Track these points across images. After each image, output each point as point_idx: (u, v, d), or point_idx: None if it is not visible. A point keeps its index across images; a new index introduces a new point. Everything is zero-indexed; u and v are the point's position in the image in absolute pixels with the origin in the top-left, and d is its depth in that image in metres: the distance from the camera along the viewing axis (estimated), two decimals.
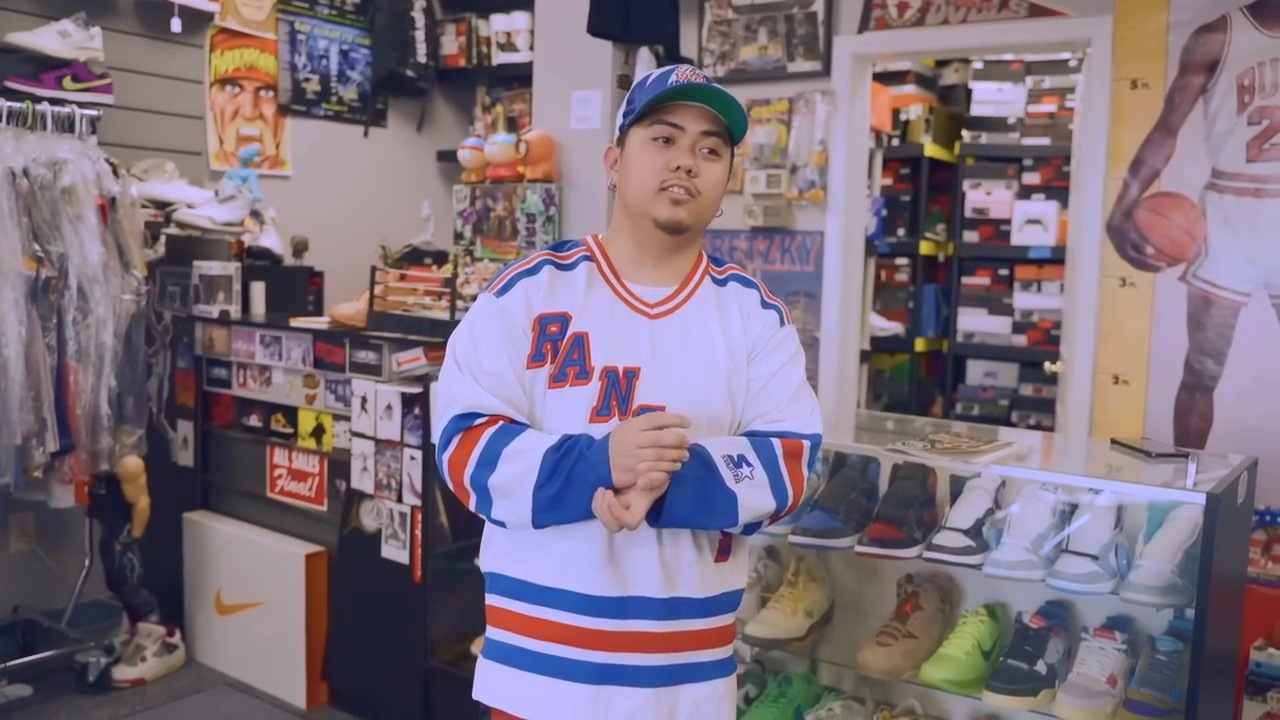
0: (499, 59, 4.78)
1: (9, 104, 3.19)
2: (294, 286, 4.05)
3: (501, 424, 1.51)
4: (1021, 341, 4.87)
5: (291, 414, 3.53)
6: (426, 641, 3.16)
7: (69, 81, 3.58)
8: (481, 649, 1.64)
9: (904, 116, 4.94)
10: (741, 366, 1.60)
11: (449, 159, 4.87)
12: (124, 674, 3.46)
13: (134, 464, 3.45)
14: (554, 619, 1.53)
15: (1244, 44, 3.01)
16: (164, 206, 3.82)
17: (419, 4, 4.79)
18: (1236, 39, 3.02)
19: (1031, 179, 4.88)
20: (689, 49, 3.96)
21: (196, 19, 4.13)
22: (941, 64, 5.14)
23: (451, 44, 4.93)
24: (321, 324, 3.49)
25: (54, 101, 3.33)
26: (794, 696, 2.43)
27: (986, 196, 4.93)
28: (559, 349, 1.53)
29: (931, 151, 4.90)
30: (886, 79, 4.81)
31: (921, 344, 5.02)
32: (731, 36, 3.93)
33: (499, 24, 4.76)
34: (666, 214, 1.54)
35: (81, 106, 3.38)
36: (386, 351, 3.21)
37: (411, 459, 3.10)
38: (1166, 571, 1.99)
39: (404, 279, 3.38)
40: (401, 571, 3.15)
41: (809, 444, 1.59)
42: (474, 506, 1.53)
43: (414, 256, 3.60)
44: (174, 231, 3.82)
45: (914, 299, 5.04)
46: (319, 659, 3.40)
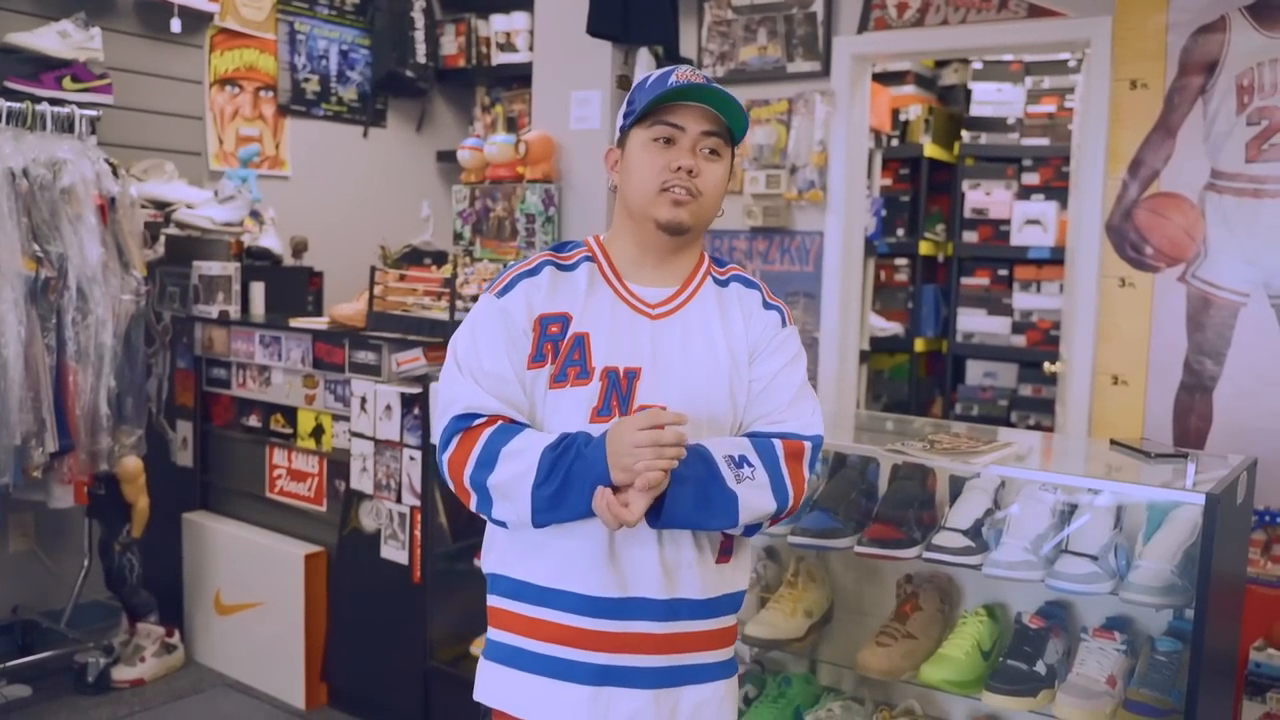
0: (498, 59, 4.78)
1: (8, 104, 3.18)
2: (293, 287, 4.05)
3: (500, 424, 1.51)
4: (1021, 342, 4.87)
5: (291, 414, 3.53)
6: (426, 642, 3.16)
7: (68, 82, 3.58)
8: (482, 650, 1.64)
9: (903, 117, 4.94)
10: (743, 367, 1.59)
11: (448, 159, 4.87)
12: (123, 674, 3.45)
13: (133, 464, 3.44)
14: (554, 620, 1.53)
15: (1243, 44, 3.01)
16: (163, 207, 3.82)
17: (418, 4, 4.79)
18: (1235, 39, 3.02)
19: (1031, 179, 4.88)
20: (688, 49, 3.96)
21: (196, 19, 4.13)
22: (941, 64, 5.14)
23: (451, 44, 4.93)
24: (321, 324, 3.49)
25: (53, 102, 3.33)
26: (793, 697, 2.43)
27: (986, 197, 4.93)
28: (560, 349, 1.53)
29: (931, 152, 4.90)
30: (886, 79, 4.81)
31: (921, 344, 5.02)
32: (731, 37, 3.93)
33: (498, 24, 4.76)
34: (668, 215, 1.53)
35: (81, 107, 3.37)
36: (386, 352, 3.21)
37: (411, 459, 3.10)
38: (1166, 572, 1.99)
39: (403, 279, 3.38)
40: (401, 572, 3.15)
41: (810, 445, 1.58)
42: (475, 507, 1.53)
43: (413, 257, 3.61)
44: (173, 232, 3.82)
45: (913, 299, 5.04)
46: (318, 659, 3.40)
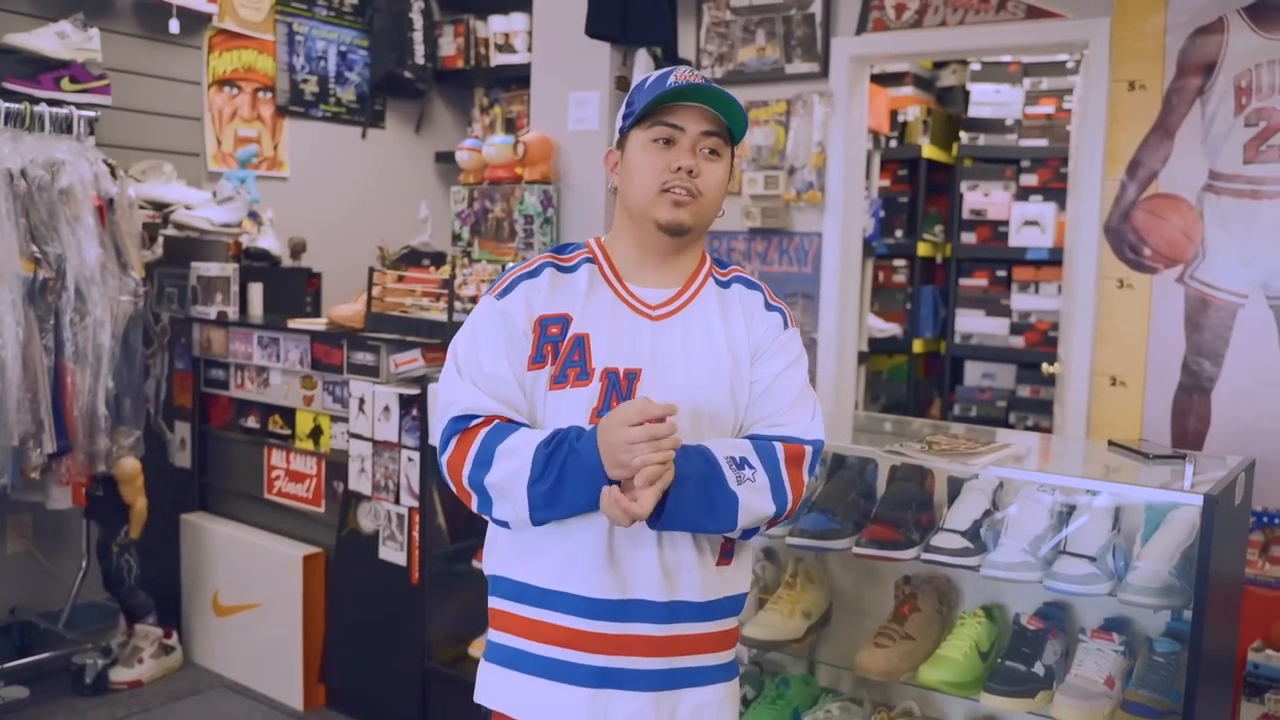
0: (497, 60, 4.78)
1: (7, 105, 3.18)
2: (292, 288, 4.05)
3: (496, 423, 1.50)
4: (1019, 343, 4.88)
5: (289, 415, 3.53)
6: (424, 643, 3.16)
7: (67, 82, 3.58)
8: (483, 652, 1.64)
9: (902, 118, 4.94)
10: (744, 368, 1.59)
11: (447, 160, 4.87)
12: (121, 676, 3.45)
13: (131, 465, 3.44)
14: (554, 621, 1.52)
15: (1241, 46, 3.01)
16: (162, 208, 3.82)
17: (417, 5, 4.79)
18: (1234, 41, 3.02)
19: (1029, 180, 4.88)
20: (687, 50, 3.96)
21: (194, 20, 4.13)
22: (939, 65, 5.15)
23: (449, 45, 4.93)
24: (319, 325, 3.49)
25: (52, 102, 3.33)
26: (792, 698, 2.43)
27: (984, 198, 4.93)
28: (560, 350, 1.53)
29: (929, 153, 4.90)
30: (884, 80, 4.81)
31: (919, 345, 5.03)
32: (729, 38, 3.93)
33: (497, 25, 4.76)
34: (668, 215, 1.53)
35: (79, 108, 3.37)
36: (384, 353, 3.21)
37: (409, 460, 3.10)
38: (1164, 573, 1.99)
39: (402, 280, 3.37)
40: (399, 573, 3.15)
41: (810, 450, 1.58)
42: (477, 508, 1.53)
43: (412, 258, 3.60)
44: (172, 233, 3.82)
45: (912, 300, 5.05)
46: (316, 660, 3.40)
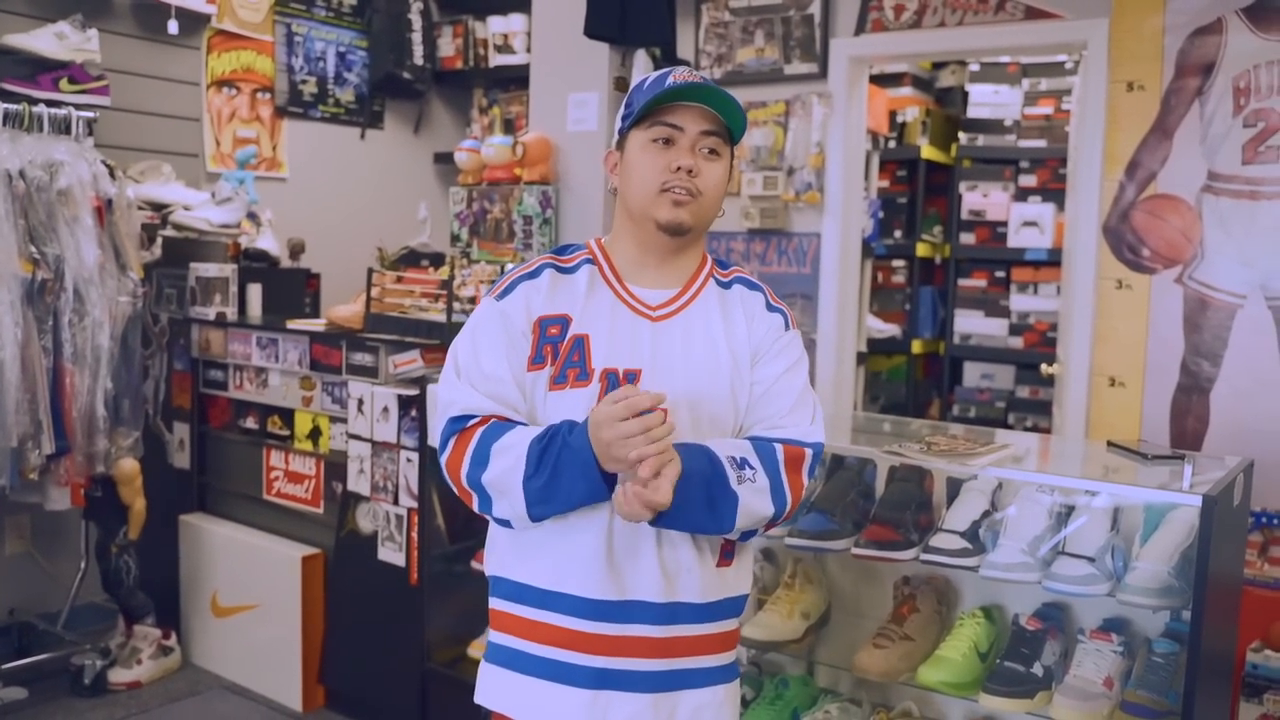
0: (496, 61, 4.78)
1: (5, 106, 3.18)
2: (290, 288, 4.05)
3: (493, 421, 1.50)
4: (1018, 343, 4.87)
5: (288, 416, 3.52)
6: (423, 644, 3.15)
7: (65, 83, 3.58)
8: (484, 653, 1.64)
9: (900, 118, 4.94)
10: (744, 369, 1.58)
11: (446, 161, 4.87)
12: (120, 677, 3.45)
13: (130, 466, 3.44)
14: (553, 622, 1.52)
15: (1239, 46, 3.01)
16: (160, 208, 3.82)
17: (416, 6, 4.79)
18: (1232, 41, 3.02)
19: (1028, 181, 4.88)
20: (686, 51, 3.96)
21: (193, 21, 4.12)
22: (938, 66, 5.15)
23: (448, 46, 4.93)
24: (318, 326, 3.48)
25: (50, 103, 3.32)
26: (791, 699, 2.43)
27: (983, 198, 4.94)
28: (559, 351, 1.53)
29: (928, 153, 4.91)
30: (883, 81, 4.81)
31: (918, 346, 5.03)
32: (728, 38, 3.93)
33: (496, 26, 4.76)
34: (668, 215, 1.53)
35: (78, 108, 3.37)
36: (383, 353, 3.21)
37: (408, 461, 3.10)
38: (1163, 573, 1.99)
39: (401, 281, 3.37)
40: (398, 574, 3.15)
41: (811, 452, 1.57)
42: (478, 508, 1.53)
43: (411, 258, 3.60)
44: (170, 233, 3.82)
45: (911, 301, 5.05)
46: (315, 661, 3.39)
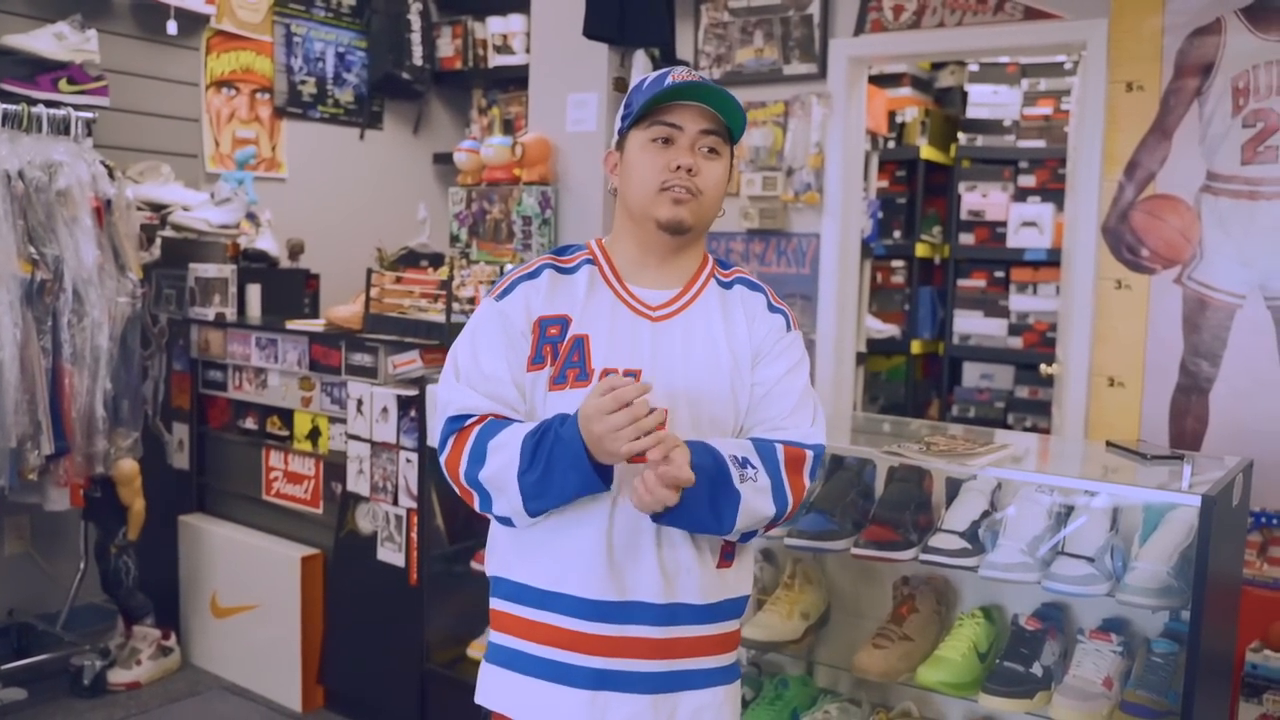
0: (495, 61, 4.78)
1: (4, 106, 3.17)
2: (290, 289, 4.04)
3: (490, 419, 1.51)
4: (1017, 344, 4.88)
5: (287, 416, 3.52)
6: (422, 644, 3.15)
7: (65, 84, 3.58)
8: (484, 653, 1.64)
9: (900, 119, 4.94)
10: (745, 370, 1.58)
11: (445, 161, 4.87)
12: (119, 677, 3.45)
13: (129, 467, 3.44)
14: (553, 623, 1.52)
15: (1238, 47, 3.01)
16: (160, 209, 3.81)
17: (415, 6, 4.79)
18: (1231, 42, 3.02)
19: (1027, 181, 4.88)
20: (685, 51, 3.96)
21: (192, 21, 4.12)
22: (937, 66, 5.15)
23: (447, 46, 4.93)
24: (317, 326, 3.48)
25: (49, 104, 3.32)
26: (790, 699, 2.43)
27: (982, 199, 4.94)
28: (559, 351, 1.53)
29: (927, 154, 4.91)
30: (882, 81, 4.81)
31: (917, 346, 5.03)
32: (727, 39, 3.93)
33: (495, 26, 4.76)
34: (668, 214, 1.53)
35: (77, 109, 3.37)
36: (382, 354, 3.21)
37: (407, 461, 3.10)
38: (1162, 574, 1.99)
39: (400, 281, 3.37)
40: (397, 574, 3.15)
41: (812, 454, 1.57)
42: (479, 507, 1.53)
43: (410, 259, 3.60)
44: (170, 234, 3.82)
45: (910, 301, 5.05)
46: (315, 662, 3.39)
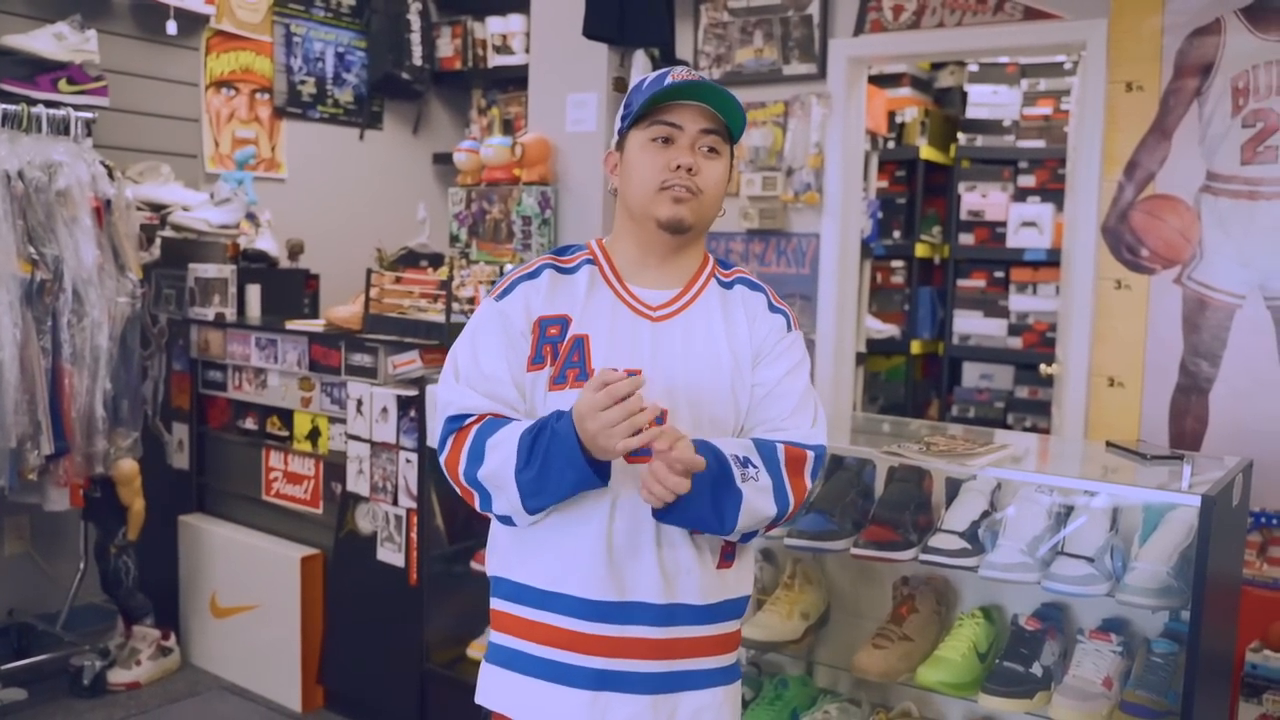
0: (494, 61, 4.78)
1: (4, 106, 3.17)
2: (289, 289, 4.04)
3: (488, 418, 1.51)
4: (1017, 344, 4.88)
5: (287, 417, 3.52)
6: (422, 645, 3.15)
7: (64, 84, 3.58)
8: (485, 653, 1.64)
9: (899, 119, 4.94)
10: (745, 370, 1.58)
11: (444, 161, 4.87)
12: (119, 677, 3.45)
13: (129, 467, 3.44)
14: (553, 623, 1.52)
15: (1238, 47, 3.01)
16: (159, 209, 3.82)
17: (414, 6, 4.79)
18: (1230, 42, 3.03)
19: (1027, 181, 4.89)
20: (684, 52, 3.96)
21: (192, 21, 4.12)
22: (937, 67, 5.15)
23: (447, 46, 4.93)
24: (317, 327, 3.48)
25: (49, 104, 3.32)
26: (790, 699, 2.43)
27: (982, 199, 4.94)
28: (559, 351, 1.53)
29: (927, 154, 4.91)
30: (882, 82, 4.81)
31: (917, 346, 5.03)
32: (727, 39, 3.93)
33: (494, 26, 4.76)
34: (668, 212, 1.53)
35: (77, 109, 3.37)
36: (382, 354, 3.21)
37: (407, 462, 3.10)
38: (1162, 574, 1.99)
39: (399, 281, 3.37)
40: (397, 574, 3.15)
41: (813, 455, 1.56)
42: (480, 506, 1.53)
43: (409, 259, 3.60)
44: (169, 234, 3.82)
45: (909, 301, 5.05)
46: (314, 662, 3.39)
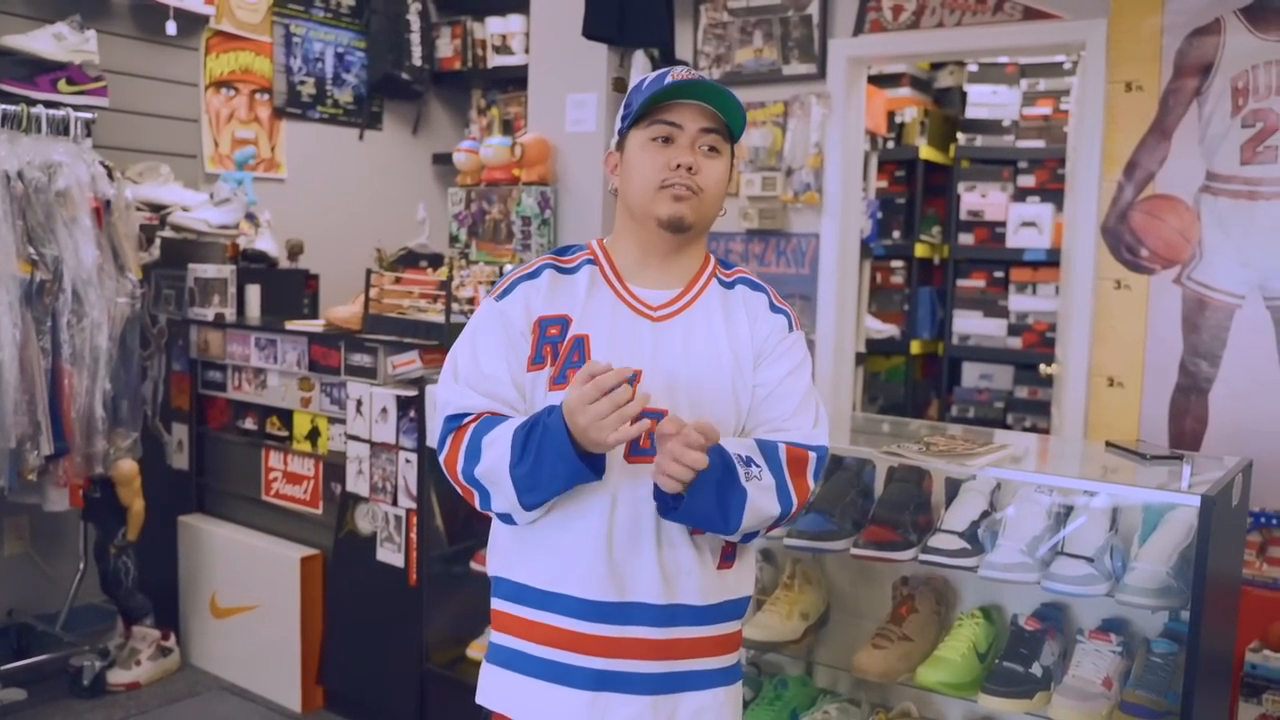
0: (494, 62, 4.78)
1: (3, 107, 3.17)
2: (289, 289, 4.04)
3: (485, 416, 1.51)
4: (1017, 344, 4.88)
5: (286, 417, 3.52)
6: (422, 645, 3.15)
7: (64, 84, 3.58)
8: (485, 653, 1.64)
9: (899, 119, 4.94)
10: (746, 370, 1.58)
11: (444, 162, 4.87)
12: (119, 678, 3.44)
13: (129, 467, 3.44)
14: (553, 623, 1.52)
15: (1237, 47, 3.01)
16: (159, 209, 3.82)
17: (414, 7, 4.79)
18: (1230, 42, 3.03)
19: (1026, 181, 4.89)
20: (684, 52, 3.96)
21: (191, 22, 4.12)
22: (936, 67, 5.15)
23: (447, 47, 4.93)
24: (317, 327, 3.48)
25: (49, 104, 3.32)
26: (789, 699, 2.43)
27: (981, 199, 4.94)
28: (559, 351, 1.53)
29: (926, 154, 4.91)
30: (881, 82, 4.81)
31: (917, 346, 5.03)
32: (727, 39, 3.93)
33: (494, 27, 4.76)
34: (669, 211, 1.52)
35: (76, 109, 3.37)
36: (382, 354, 3.21)
37: (407, 462, 3.10)
38: (1161, 574, 1.99)
39: (399, 282, 3.37)
40: (397, 575, 3.15)
41: (815, 455, 1.56)
42: (479, 505, 1.53)
43: (409, 259, 3.60)
44: (169, 234, 3.82)
45: (909, 301, 5.05)
46: (314, 662, 3.39)
